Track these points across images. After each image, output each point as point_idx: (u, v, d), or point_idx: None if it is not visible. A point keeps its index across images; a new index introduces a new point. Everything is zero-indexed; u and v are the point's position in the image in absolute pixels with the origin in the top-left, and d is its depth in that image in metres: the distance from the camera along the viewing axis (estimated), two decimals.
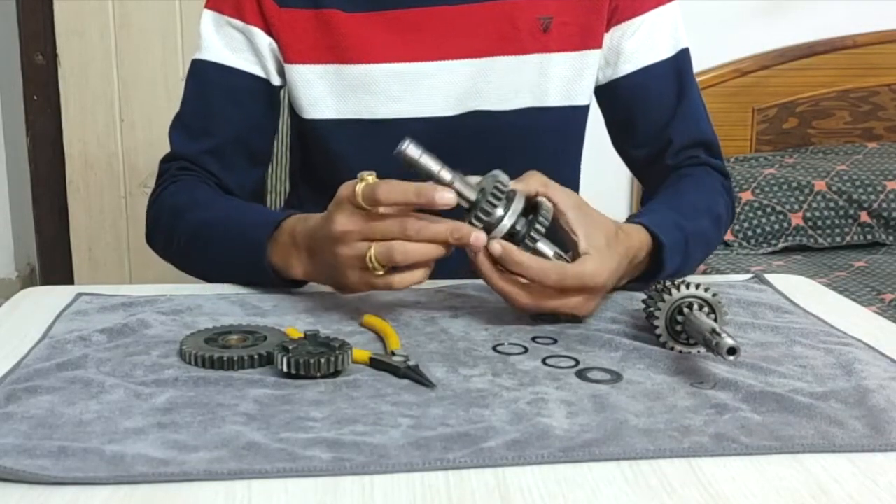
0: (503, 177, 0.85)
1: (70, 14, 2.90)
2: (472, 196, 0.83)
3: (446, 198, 0.80)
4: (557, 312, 0.86)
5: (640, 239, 0.92)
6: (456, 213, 0.83)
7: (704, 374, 0.75)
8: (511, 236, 0.84)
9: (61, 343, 0.80)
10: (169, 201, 1.11)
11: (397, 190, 0.81)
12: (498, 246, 0.82)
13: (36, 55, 2.93)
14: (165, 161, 1.17)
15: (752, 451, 0.62)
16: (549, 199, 0.86)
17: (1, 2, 3.00)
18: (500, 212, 0.83)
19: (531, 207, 0.85)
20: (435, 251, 0.82)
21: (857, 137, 2.79)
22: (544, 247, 0.85)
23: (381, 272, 0.83)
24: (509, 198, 0.84)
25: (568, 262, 0.85)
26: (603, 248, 0.86)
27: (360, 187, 0.82)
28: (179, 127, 1.18)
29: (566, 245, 0.87)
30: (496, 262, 0.84)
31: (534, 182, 0.87)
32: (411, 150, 0.81)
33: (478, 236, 0.82)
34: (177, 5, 2.89)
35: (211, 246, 1.03)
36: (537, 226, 0.83)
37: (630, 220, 0.96)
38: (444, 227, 0.82)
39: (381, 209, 0.82)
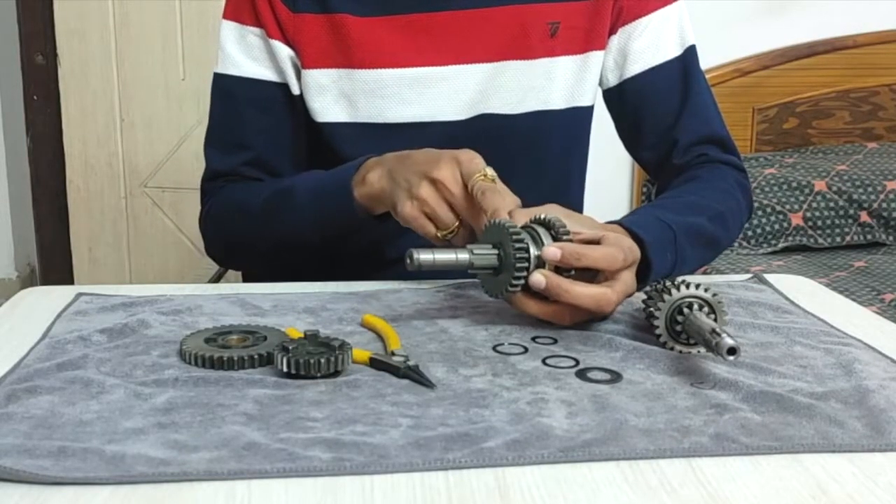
0: (509, 222, 0.84)
1: (70, 14, 2.90)
2: (494, 257, 0.84)
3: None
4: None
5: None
6: None
7: (704, 374, 0.75)
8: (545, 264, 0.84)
9: (61, 343, 0.80)
10: (225, 202, 1.14)
11: (497, 211, 0.86)
12: (557, 249, 0.82)
13: (36, 55, 2.93)
14: (208, 180, 1.19)
15: (752, 451, 0.62)
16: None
17: (1, 2, 3.00)
18: (534, 251, 0.83)
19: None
20: None
21: (857, 137, 2.79)
22: None
23: (448, 234, 0.91)
24: (530, 234, 0.84)
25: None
26: (608, 230, 0.88)
27: (477, 179, 0.88)
28: (214, 144, 1.19)
29: None
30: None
31: (520, 216, 0.87)
32: (423, 258, 0.82)
33: (553, 251, 0.82)
34: (177, 5, 2.88)
35: (291, 205, 1.05)
36: (563, 238, 0.84)
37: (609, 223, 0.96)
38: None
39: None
